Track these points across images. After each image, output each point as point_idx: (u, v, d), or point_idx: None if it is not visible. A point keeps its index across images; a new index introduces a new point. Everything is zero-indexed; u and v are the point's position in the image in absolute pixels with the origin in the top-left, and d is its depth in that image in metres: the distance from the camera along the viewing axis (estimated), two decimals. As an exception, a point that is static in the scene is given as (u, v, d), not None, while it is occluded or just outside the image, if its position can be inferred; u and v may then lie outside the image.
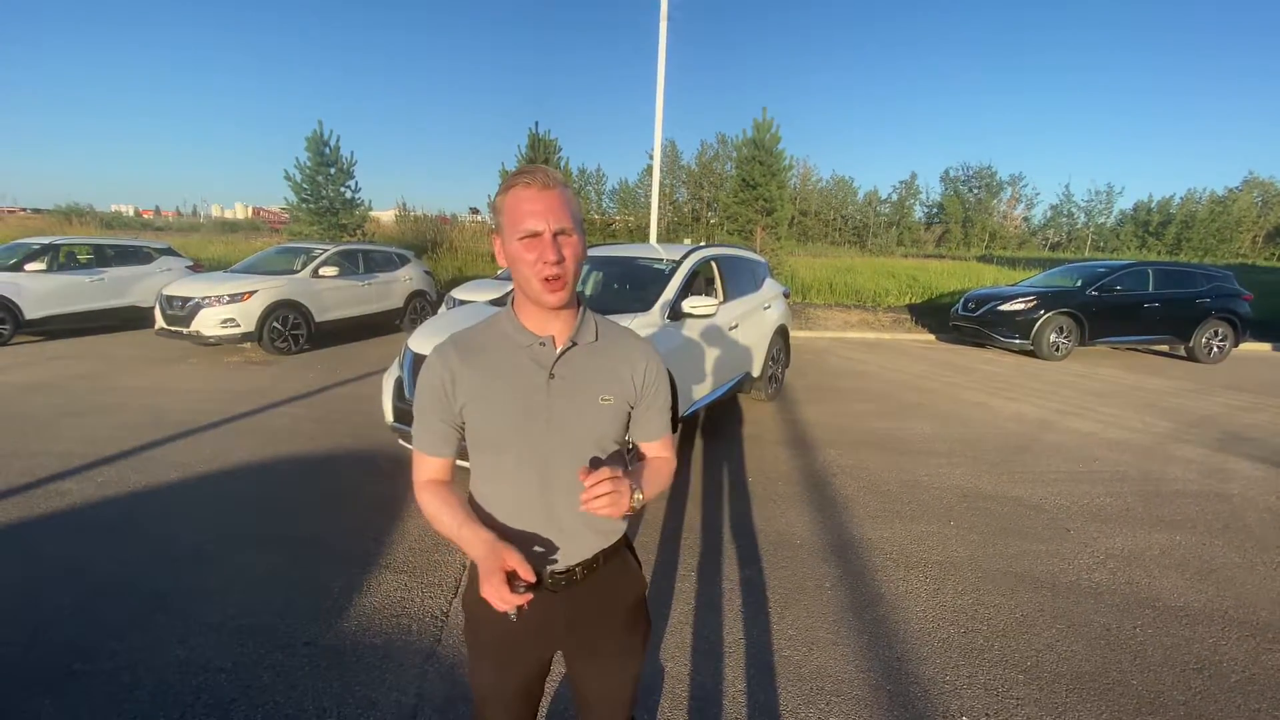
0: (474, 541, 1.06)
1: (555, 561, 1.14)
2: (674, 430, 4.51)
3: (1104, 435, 5.38)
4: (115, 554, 3.00)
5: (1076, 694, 2.22)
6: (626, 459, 1.22)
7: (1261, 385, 7.80)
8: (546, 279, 1.01)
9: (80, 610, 2.55)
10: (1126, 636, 2.56)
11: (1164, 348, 9.95)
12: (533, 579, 1.00)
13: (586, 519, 1.12)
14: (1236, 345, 9.44)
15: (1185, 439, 5.33)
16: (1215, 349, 9.29)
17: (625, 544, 1.27)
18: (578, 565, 1.16)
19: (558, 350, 1.11)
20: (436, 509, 1.12)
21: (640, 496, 1.08)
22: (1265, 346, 10.82)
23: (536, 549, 1.13)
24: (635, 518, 3.49)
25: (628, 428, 1.22)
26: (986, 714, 2.12)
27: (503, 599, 0.97)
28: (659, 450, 1.26)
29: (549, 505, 1.12)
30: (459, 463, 1.21)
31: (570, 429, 1.11)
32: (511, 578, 1.00)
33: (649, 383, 1.19)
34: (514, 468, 1.11)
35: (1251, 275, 15.22)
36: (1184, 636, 2.56)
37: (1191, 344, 9.30)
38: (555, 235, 1.00)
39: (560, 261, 1.01)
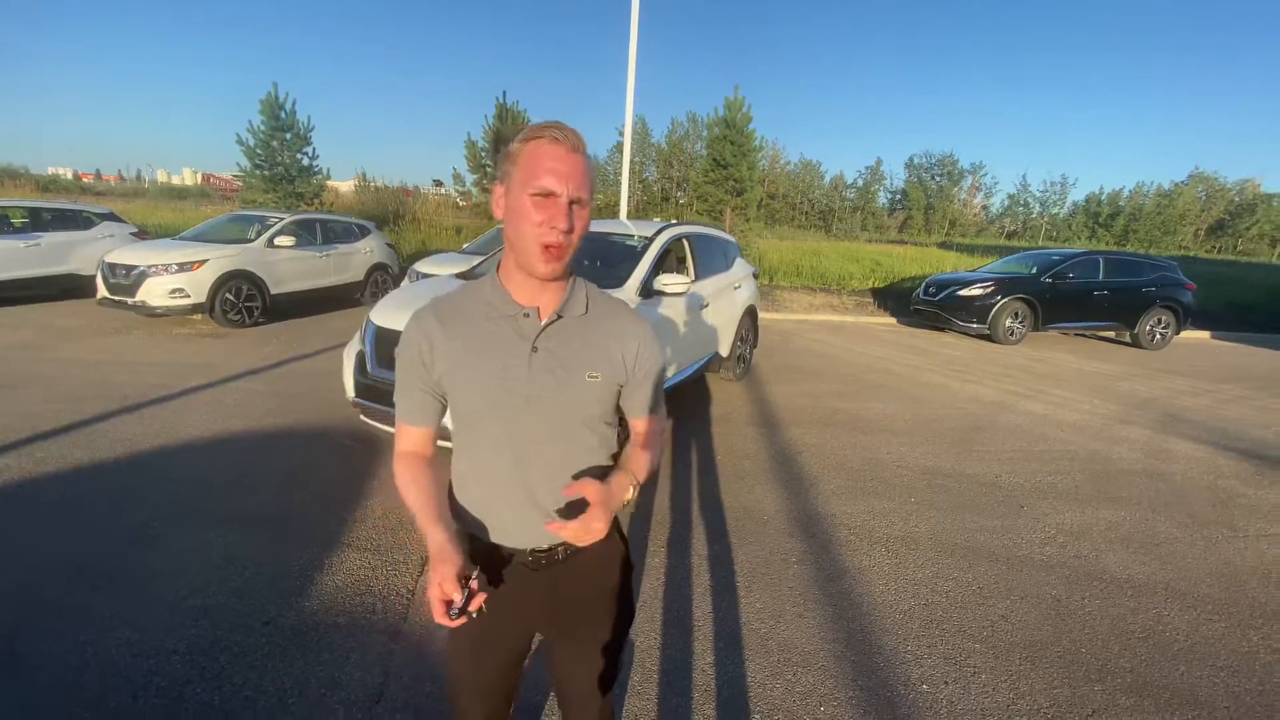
0: (426, 535, 1.01)
1: (534, 541, 1.10)
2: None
3: (1055, 416, 5.58)
4: (57, 533, 2.85)
5: (1030, 662, 2.31)
6: (617, 437, 1.17)
7: (1200, 371, 8.21)
8: (548, 246, 0.95)
9: (20, 592, 2.42)
10: (1076, 607, 2.67)
11: (1110, 334, 10.37)
12: (459, 600, 0.93)
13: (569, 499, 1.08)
14: (1178, 333, 9.89)
15: (1130, 421, 5.57)
16: (1158, 336, 9.72)
17: (612, 523, 1.23)
18: (560, 545, 1.11)
19: (543, 322, 1.05)
20: (405, 484, 1.09)
21: (636, 490, 1.07)
22: (1204, 334, 11.37)
23: (516, 527, 1.09)
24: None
25: (617, 404, 1.16)
26: (946, 682, 2.19)
27: (435, 613, 0.93)
28: (651, 424, 1.19)
29: (528, 485, 1.07)
30: (441, 443, 1.16)
31: (553, 406, 1.05)
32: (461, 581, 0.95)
33: (641, 360, 1.12)
34: (491, 444, 1.06)
35: (1193, 267, 15.92)
36: (1130, 607, 2.69)
37: (1136, 331, 9.70)
38: (571, 203, 0.94)
39: (569, 231, 0.95)
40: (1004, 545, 3.19)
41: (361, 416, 3.58)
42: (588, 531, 0.95)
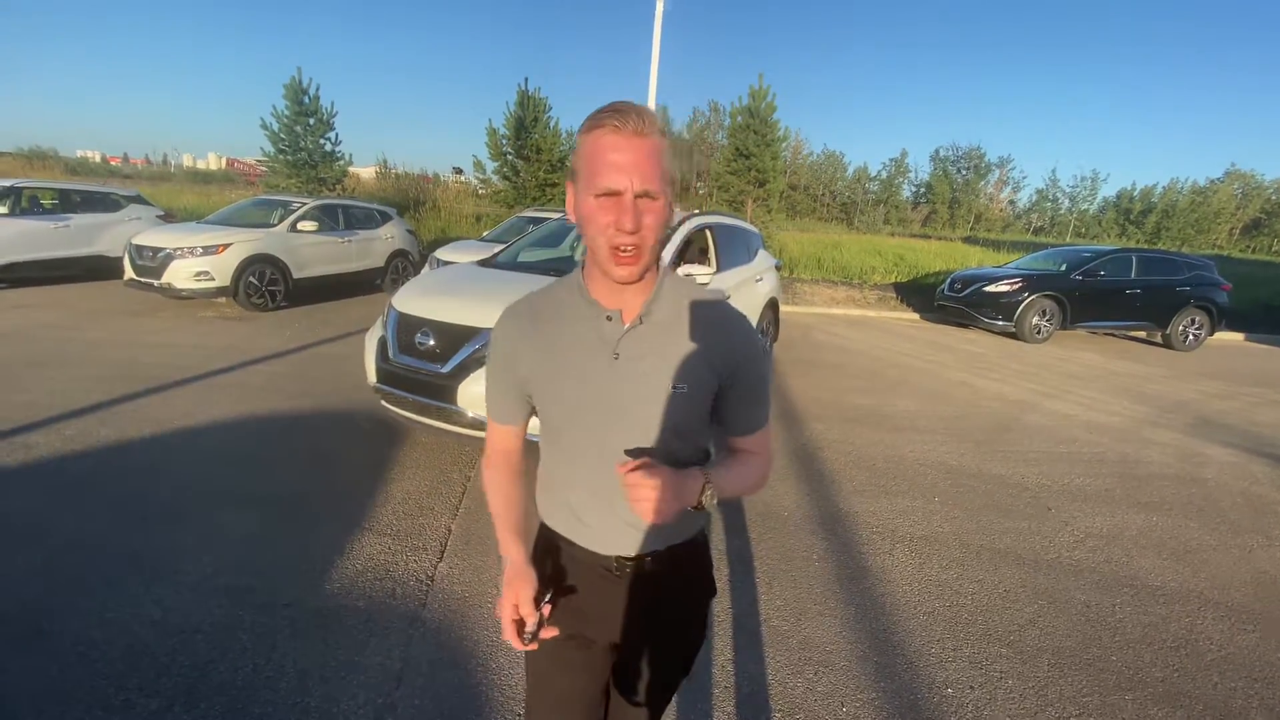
0: (503, 549, 1.05)
1: (619, 548, 1.05)
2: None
3: (1083, 418, 5.46)
4: (84, 510, 2.89)
5: (1058, 669, 2.25)
6: (712, 450, 1.07)
7: (1234, 374, 7.98)
8: (617, 248, 0.86)
9: (47, 567, 2.46)
10: (1106, 614, 2.60)
11: (1140, 334, 10.11)
12: (533, 624, 0.95)
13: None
14: (1211, 334, 9.62)
15: (1161, 424, 5.43)
16: (1191, 337, 9.46)
17: (700, 542, 1.14)
18: (646, 555, 1.04)
19: (625, 326, 0.96)
20: (489, 488, 1.11)
21: (712, 493, 0.93)
22: (1238, 336, 11.06)
23: (600, 532, 1.04)
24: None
25: (714, 415, 1.04)
26: (971, 686, 2.14)
27: (505, 632, 0.96)
28: (751, 445, 1.05)
29: (609, 494, 0.99)
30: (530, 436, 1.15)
31: (637, 417, 0.97)
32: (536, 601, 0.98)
33: (739, 367, 0.99)
34: (574, 450, 1.02)
35: (1227, 267, 15.41)
36: (1161, 615, 2.62)
37: (1168, 331, 9.45)
38: (637, 197, 0.84)
39: (636, 231, 0.84)
40: (1031, 548, 3.12)
41: (382, 402, 3.59)
42: (634, 499, 0.85)
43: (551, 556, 1.10)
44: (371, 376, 3.63)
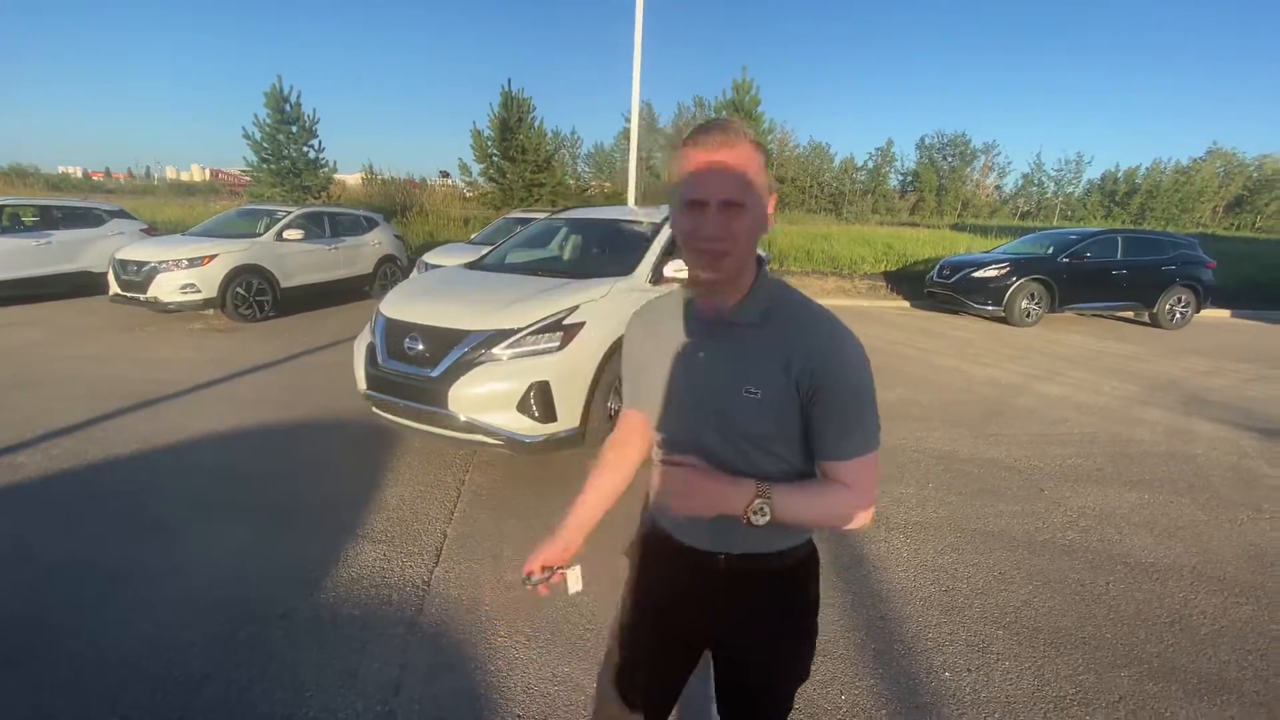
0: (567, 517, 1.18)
1: (691, 539, 1.07)
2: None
3: (1074, 399, 5.49)
4: (74, 528, 2.86)
5: (1055, 647, 2.27)
6: (795, 468, 1.00)
7: (1221, 350, 8.05)
8: (699, 253, 0.91)
9: (38, 587, 2.44)
10: (1100, 592, 2.62)
11: (1129, 314, 10.19)
12: (536, 578, 1.11)
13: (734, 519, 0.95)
14: (1198, 312, 9.70)
15: (1151, 402, 5.48)
16: (1178, 315, 9.54)
17: (799, 561, 1.08)
18: (719, 554, 1.04)
19: (713, 328, 1.01)
20: (594, 468, 1.22)
21: (762, 507, 0.90)
22: (1224, 313, 11.16)
23: (685, 522, 1.06)
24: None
25: (809, 429, 0.97)
26: (969, 669, 2.16)
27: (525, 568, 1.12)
28: (840, 475, 0.95)
29: None
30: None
31: (710, 417, 0.99)
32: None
33: (820, 380, 0.91)
34: (665, 442, 1.08)
35: (1211, 244, 15.55)
36: (1155, 591, 2.64)
37: (1155, 310, 9.52)
38: (721, 205, 0.86)
39: (717, 239, 0.88)
40: (1025, 530, 3.14)
41: (373, 408, 3.57)
42: (665, 485, 0.95)
43: (654, 533, 1.17)
44: (361, 383, 3.61)
